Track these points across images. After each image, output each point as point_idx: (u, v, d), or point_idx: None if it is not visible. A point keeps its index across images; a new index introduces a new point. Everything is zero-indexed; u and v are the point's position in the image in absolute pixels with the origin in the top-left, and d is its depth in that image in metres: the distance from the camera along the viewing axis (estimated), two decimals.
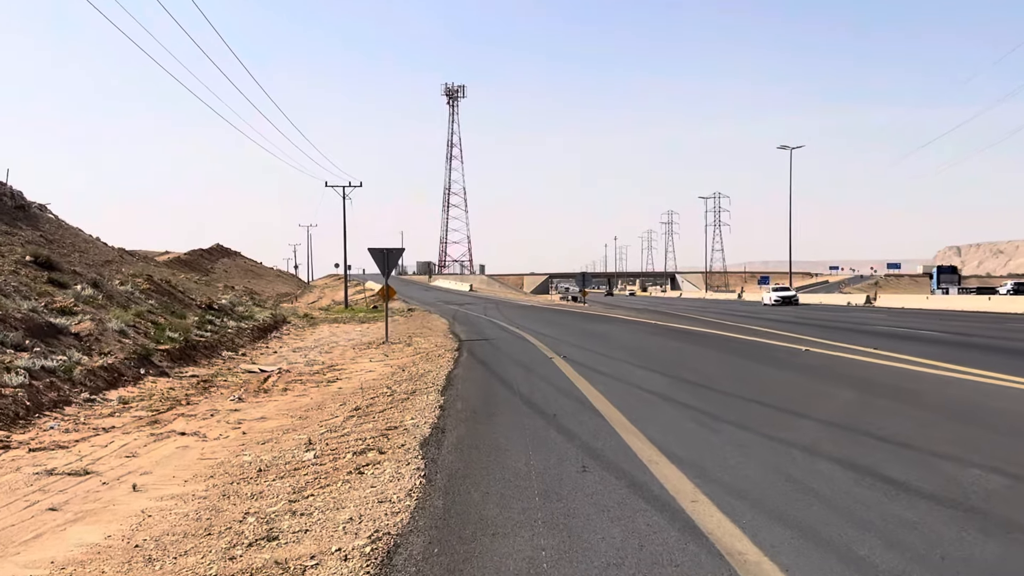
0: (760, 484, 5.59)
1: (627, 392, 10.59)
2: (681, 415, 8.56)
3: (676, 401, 9.56)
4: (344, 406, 11.41)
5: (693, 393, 10.32)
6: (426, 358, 17.47)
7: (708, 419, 8.23)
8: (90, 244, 27.99)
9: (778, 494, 5.33)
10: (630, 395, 10.29)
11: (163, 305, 23.70)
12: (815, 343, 18.05)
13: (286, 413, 11.53)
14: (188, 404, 12.82)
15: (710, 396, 10.05)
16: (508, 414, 8.92)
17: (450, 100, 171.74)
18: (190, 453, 8.85)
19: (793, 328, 24.98)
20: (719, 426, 7.84)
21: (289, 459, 7.77)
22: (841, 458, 6.32)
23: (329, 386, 14.69)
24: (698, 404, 9.23)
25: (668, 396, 10.03)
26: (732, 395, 10.10)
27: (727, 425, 7.86)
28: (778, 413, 8.69)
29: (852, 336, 20.70)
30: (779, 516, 4.85)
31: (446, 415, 9.10)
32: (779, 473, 5.88)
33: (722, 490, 5.42)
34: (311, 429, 9.65)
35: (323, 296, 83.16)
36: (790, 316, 35.09)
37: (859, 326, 26.45)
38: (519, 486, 5.70)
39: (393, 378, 14.47)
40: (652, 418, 8.34)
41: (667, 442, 6.97)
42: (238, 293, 55.05)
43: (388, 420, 9.33)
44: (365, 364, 18.38)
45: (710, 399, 9.76)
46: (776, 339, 19.96)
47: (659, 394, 10.24)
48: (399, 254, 22.74)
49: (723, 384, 11.19)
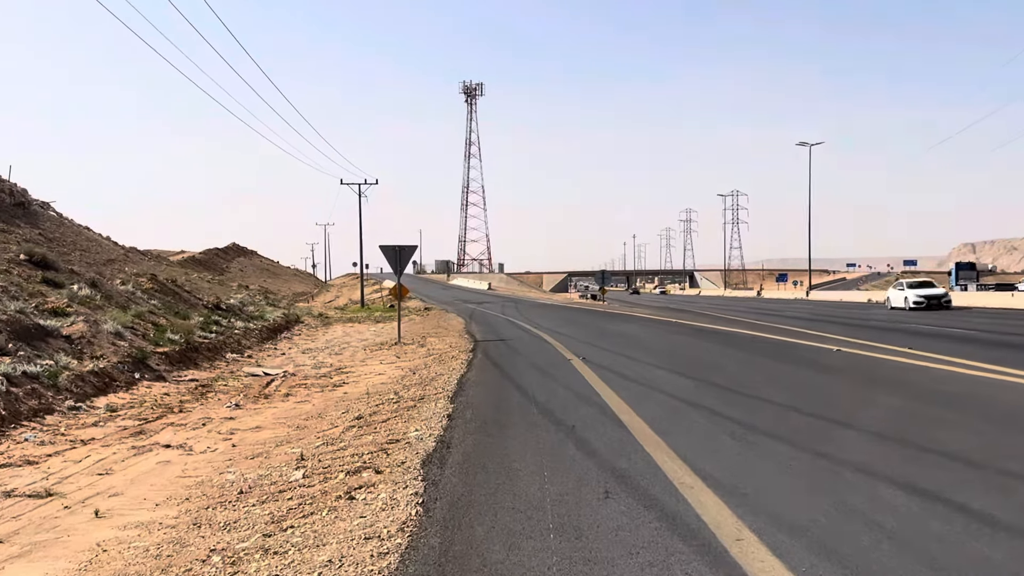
0: (814, 515, 4.70)
1: (651, 398, 9.69)
2: (713, 426, 7.66)
3: (706, 408, 8.65)
4: (346, 414, 10.60)
5: (723, 399, 9.41)
6: (439, 360, 16.65)
7: (743, 430, 7.33)
8: (93, 243, 27.36)
9: (837, 529, 4.45)
10: (655, 402, 9.39)
11: (166, 305, 23.01)
12: (845, 342, 17.06)
13: (283, 422, 10.73)
14: (180, 412, 12.05)
15: (742, 402, 9.13)
16: (522, 425, 8.05)
17: (468, 98, 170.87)
18: (170, 470, 8.05)
19: (818, 326, 23.97)
20: (756, 439, 6.94)
21: (276, 478, 6.96)
22: (901, 480, 5.43)
23: (334, 391, 13.89)
24: (730, 412, 8.32)
25: (696, 402, 9.13)
26: (766, 401, 9.18)
27: (765, 438, 6.96)
28: (820, 423, 7.76)
29: (881, 335, 19.69)
30: (843, 560, 3.97)
31: (454, 426, 8.26)
32: (833, 500, 4.99)
33: (770, 523, 4.54)
34: (306, 441, 8.83)
35: (340, 295, 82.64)
36: (814, 314, 33.99)
37: (887, 324, 25.39)
38: (531, 518, 4.84)
39: (402, 382, 13.65)
40: (681, 429, 7.45)
41: (700, 460, 6.10)
42: (251, 292, 54.51)
43: (390, 431, 8.50)
44: (375, 366, 17.58)
45: (743, 406, 8.85)
46: (803, 338, 18.99)
47: (686, 400, 9.33)
48: (412, 251, 21.91)
49: (755, 388, 10.26)
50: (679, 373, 12.15)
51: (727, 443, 6.82)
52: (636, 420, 7.98)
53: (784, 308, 42.22)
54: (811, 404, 8.91)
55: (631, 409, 8.64)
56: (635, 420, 7.99)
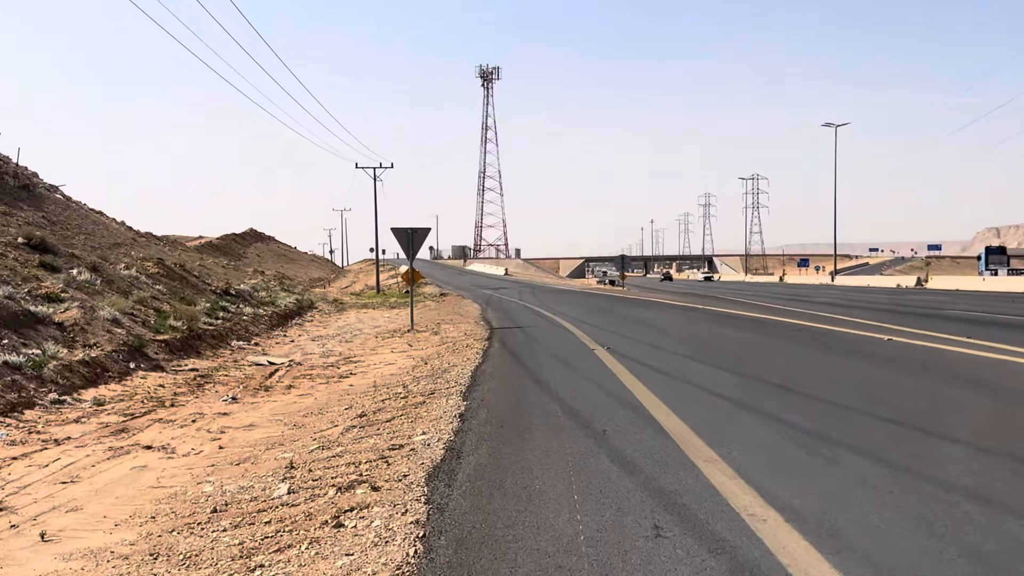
0: (939, 569, 3.58)
1: (692, 396, 8.54)
2: (774, 434, 6.52)
3: (759, 411, 7.51)
4: (349, 410, 9.56)
5: (777, 398, 8.25)
6: (452, 349, 15.59)
7: (814, 441, 6.17)
8: (100, 226, 26.45)
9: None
10: (696, 401, 8.24)
11: (172, 291, 22.07)
12: (892, 330, 15.83)
13: (280, 419, 9.71)
14: (172, 406, 11.06)
15: (801, 404, 7.96)
16: (544, 429, 6.96)
17: (485, 82, 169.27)
18: (144, 478, 7.04)
19: (856, 313, 22.69)
20: (834, 453, 5.78)
21: (258, 492, 5.91)
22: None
23: (340, 382, 12.87)
24: (791, 416, 7.17)
25: (746, 403, 7.98)
26: (829, 403, 7.98)
27: (845, 452, 5.82)
28: (907, 433, 6.57)
29: (929, 322, 18.42)
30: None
31: (466, 429, 7.18)
32: (961, 546, 3.86)
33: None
34: (301, 444, 7.79)
35: (357, 281, 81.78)
36: (846, 300, 32.66)
37: (928, 310, 24.07)
38: (561, 567, 3.74)
39: (413, 373, 12.61)
40: (735, 438, 6.33)
41: (768, 481, 4.98)
42: (266, 278, 53.67)
43: (395, 434, 7.44)
44: (386, 355, 16.56)
45: (803, 408, 7.69)
46: (844, 325, 17.76)
47: (733, 400, 8.19)
48: (425, 235, 20.84)
49: (810, 386, 9.07)
50: (718, 366, 11.00)
51: (798, 458, 5.66)
52: (678, 424, 6.87)
53: (812, 294, 40.84)
54: (886, 406, 7.69)
55: (670, 410, 7.52)
56: (677, 424, 6.87)
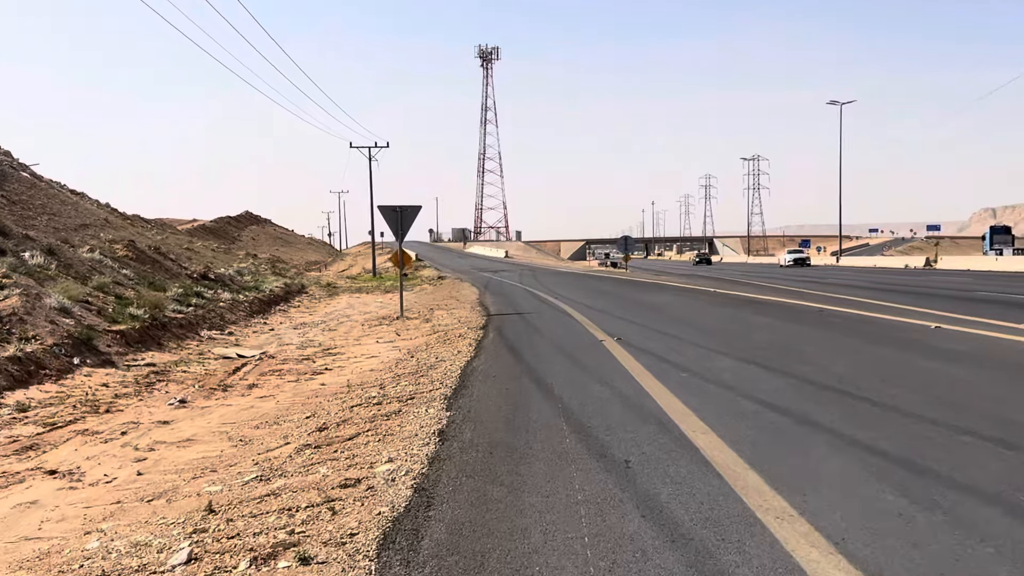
0: None
1: (730, 405, 6.81)
2: (855, 465, 4.82)
3: (823, 428, 5.82)
4: (310, 420, 7.91)
5: (839, 408, 6.52)
6: (444, 339, 13.94)
7: (914, 479, 4.47)
8: (70, 206, 24.74)
9: None
10: (737, 412, 6.52)
11: (140, 275, 20.40)
12: (931, 315, 14.15)
13: (227, 431, 8.06)
14: (108, 412, 9.41)
15: (874, 417, 6.21)
16: (546, 458, 5.30)
17: (484, 63, 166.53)
18: (24, 521, 5.39)
19: (881, 296, 21.00)
20: (952, 502, 4.07)
21: (149, 558, 4.25)
22: None
23: (311, 381, 11.23)
24: (865, 436, 5.48)
25: (801, 415, 6.28)
26: (909, 415, 6.18)
27: (966, 499, 4.12)
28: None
29: (966, 306, 16.72)
30: None
31: (445, 455, 5.53)
32: None
33: None
34: (237, 470, 6.14)
35: (355, 264, 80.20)
36: (863, 281, 30.96)
37: (956, 292, 22.38)
38: None
39: (395, 369, 10.97)
40: (805, 473, 4.65)
41: (881, 557, 3.31)
42: (258, 261, 51.99)
43: (354, 459, 5.79)
44: (369, 346, 14.91)
45: (878, 424, 5.96)
46: (875, 310, 16.08)
47: (783, 410, 6.49)
48: (415, 213, 19.11)
49: (874, 389, 7.31)
50: (751, 361, 9.29)
51: (907, 513, 3.95)
52: (722, 450, 5.21)
53: (822, 275, 39.15)
54: (987, 420, 5.98)
55: (707, 427, 5.85)
56: (721, 450, 5.21)
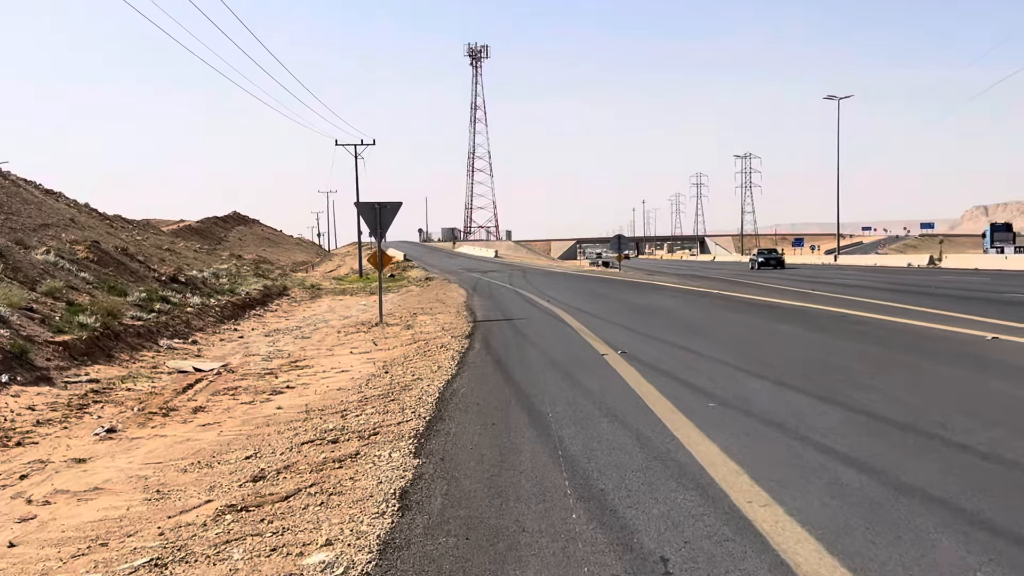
0: None
1: (788, 456, 5.13)
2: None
3: (937, 501, 4.21)
4: (250, 462, 6.40)
5: (940, 462, 4.86)
6: (424, 351, 12.43)
7: None
8: (32, 205, 23.12)
9: None
10: (803, 469, 4.86)
11: (101, 279, 18.81)
12: (976, 323, 12.70)
13: (145, 477, 6.52)
14: (20, 444, 7.89)
15: (1004, 482, 4.62)
16: (545, 552, 3.78)
17: (473, 61, 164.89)
18: None
19: (900, 298, 19.56)
20: None
21: None
22: None
23: (267, 403, 9.70)
24: (1018, 523, 3.98)
25: (896, 477, 4.65)
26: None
27: None
28: None
29: (1010, 311, 15.28)
30: None
31: (402, 541, 4.01)
32: None
33: None
34: (132, 544, 4.63)
35: (342, 264, 78.72)
36: (874, 282, 29.56)
37: (986, 294, 20.97)
38: None
39: (364, 390, 9.46)
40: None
41: None
42: (242, 262, 50.40)
43: (280, 541, 4.29)
44: (342, 358, 13.39)
45: (1017, 495, 4.42)
46: (905, 315, 14.62)
47: (866, 467, 4.86)
48: (394, 210, 17.59)
49: (970, 431, 5.55)
50: (792, 386, 7.73)
51: None
52: (803, 541, 3.69)
53: (826, 275, 37.74)
54: None
55: (767, 495, 4.34)
56: (801, 540, 3.69)
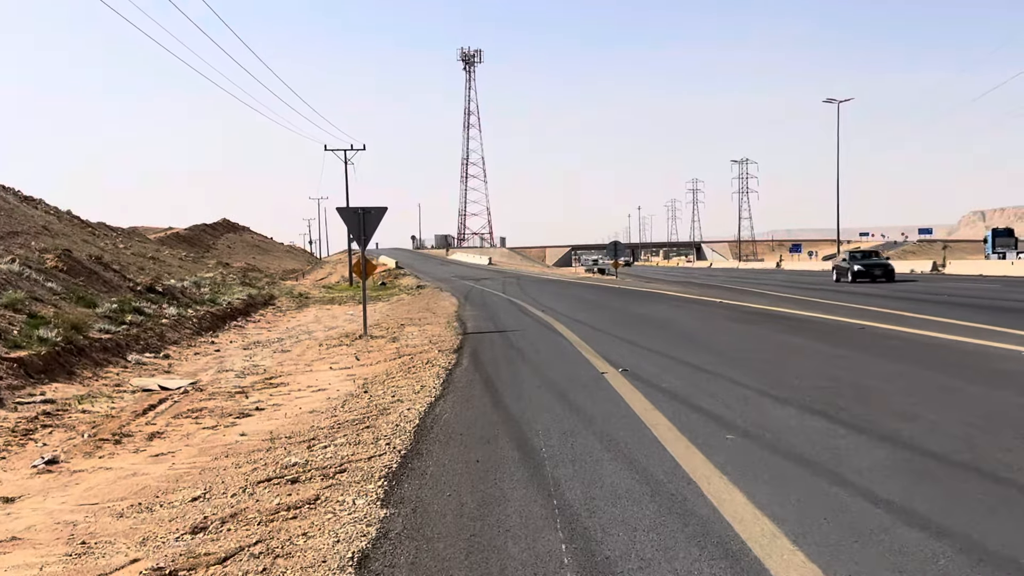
0: None
1: (832, 510, 4.15)
2: None
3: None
4: (195, 505, 5.46)
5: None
6: (408, 367, 11.49)
7: None
8: (3, 212, 22.13)
9: None
10: (854, 529, 3.86)
11: (70, 289, 17.82)
12: (1006, 335, 11.81)
13: (74, 523, 5.56)
14: None
15: None
16: None
17: (467, 66, 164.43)
18: None
19: (913, 306, 18.70)
20: None
21: None
22: None
23: (231, 428, 8.74)
24: None
25: (979, 542, 3.78)
26: None
27: None
28: None
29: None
30: None
31: None
32: None
33: None
34: None
35: (333, 272, 77.71)
36: (878, 289, 28.70)
37: (998, 302, 20.12)
38: None
39: (338, 413, 8.52)
40: None
41: None
42: (228, 271, 49.35)
43: None
44: (320, 374, 12.44)
45: None
46: (925, 327, 13.73)
47: (933, 528, 3.95)
48: (379, 215, 16.65)
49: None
50: (820, 412, 6.76)
51: None
52: None
53: (830, 282, 36.87)
54: None
55: (815, 566, 3.40)
56: None
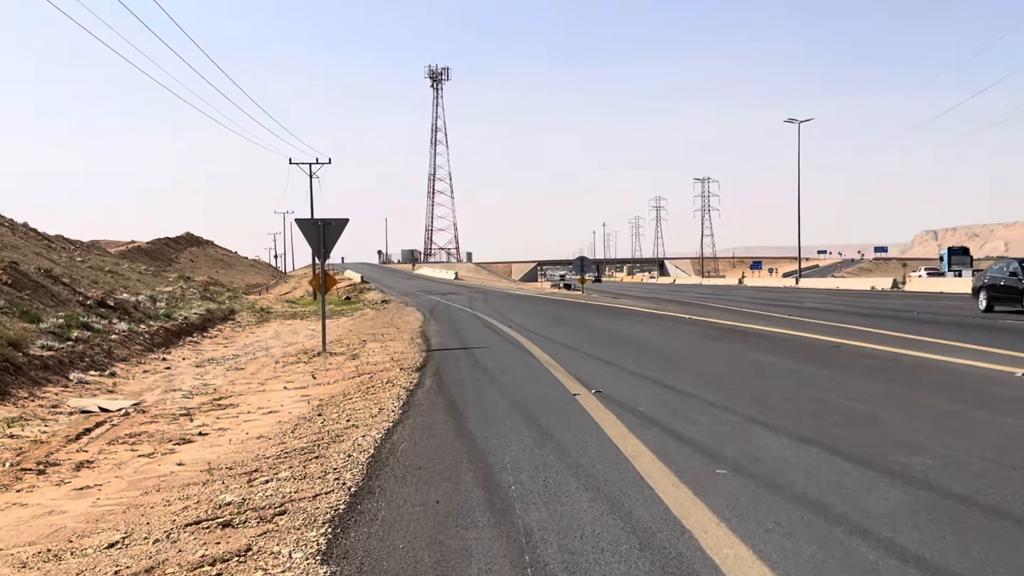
0: None
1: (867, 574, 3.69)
2: None
3: None
4: (109, 553, 4.72)
5: None
6: (367, 387, 10.78)
7: None
8: None
9: None
10: None
11: (13, 303, 16.89)
12: (989, 354, 11.41)
13: None
14: None
15: None
16: None
17: (434, 83, 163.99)
18: None
19: (886, 324, 18.37)
20: None
21: None
22: None
23: (169, 455, 8.00)
24: None
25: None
26: None
27: None
28: None
29: (1012, 339, 14.10)
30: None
31: None
32: None
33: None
34: None
35: (298, 287, 76.46)
36: (843, 305, 28.46)
37: (969, 320, 19.87)
38: None
39: (286, 440, 7.80)
40: None
41: None
42: (189, 285, 48.24)
43: None
44: (273, 394, 11.70)
45: None
46: (906, 345, 13.34)
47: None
48: (340, 228, 15.94)
49: None
50: (815, 442, 6.20)
51: None
52: None
53: (794, 298, 36.65)
54: None
55: None
56: None
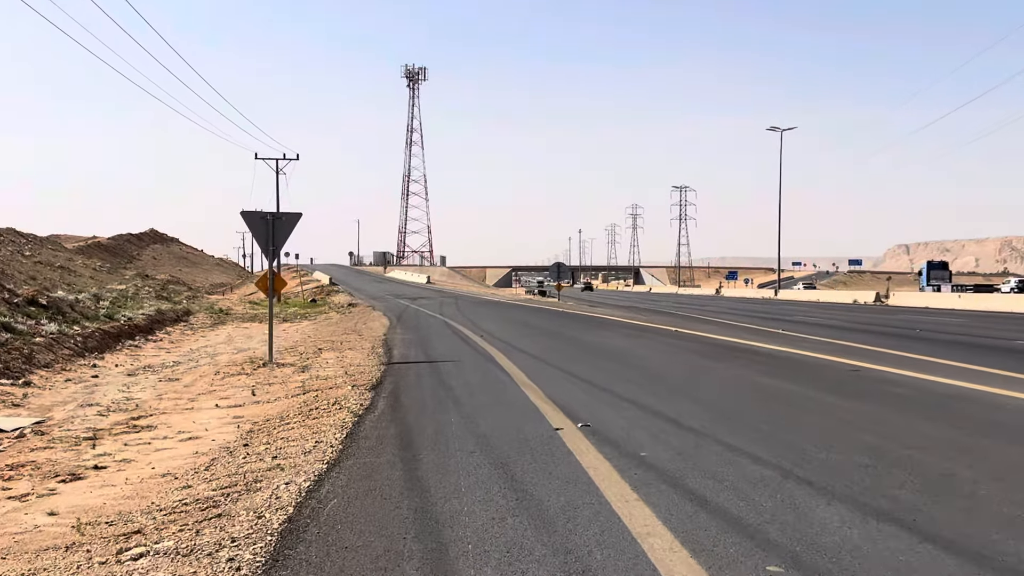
0: None
1: None
2: None
3: None
4: None
5: None
6: (309, 409, 9.12)
7: None
8: None
9: None
10: None
11: None
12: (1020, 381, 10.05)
13: None
14: None
15: None
16: None
17: (410, 83, 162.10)
18: None
19: (889, 342, 17.05)
20: None
21: None
22: None
23: (43, 500, 6.29)
24: None
25: None
26: None
27: None
28: None
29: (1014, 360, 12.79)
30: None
31: None
32: None
33: None
34: None
35: None
36: (835, 320, 27.17)
37: (975, 339, 18.59)
38: None
39: (194, 484, 6.15)
40: None
41: None
42: (146, 283, 46.05)
43: None
44: (203, 413, 9.99)
45: None
46: (923, 369, 11.96)
47: None
48: (292, 222, 14.25)
49: None
50: (880, 512, 4.70)
51: None
52: None
53: (777, 311, 35.41)
54: None
55: None
56: None
